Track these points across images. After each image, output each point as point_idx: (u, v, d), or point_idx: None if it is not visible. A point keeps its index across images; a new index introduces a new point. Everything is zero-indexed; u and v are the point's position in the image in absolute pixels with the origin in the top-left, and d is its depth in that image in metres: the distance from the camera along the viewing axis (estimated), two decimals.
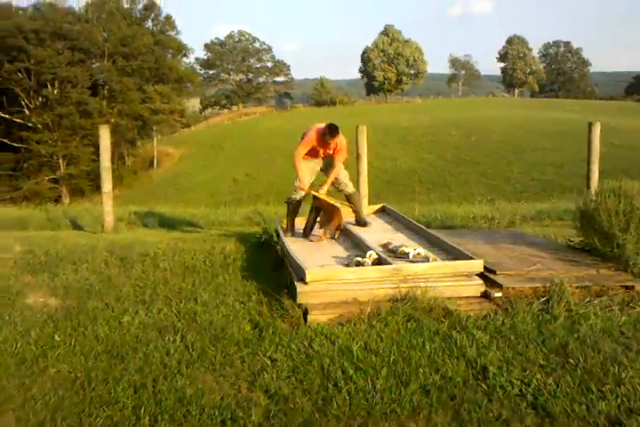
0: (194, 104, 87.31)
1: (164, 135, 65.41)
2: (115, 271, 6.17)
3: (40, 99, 51.79)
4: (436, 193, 32.48)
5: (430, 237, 6.50)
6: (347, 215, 7.80)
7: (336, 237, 6.88)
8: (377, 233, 6.90)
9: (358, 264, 5.45)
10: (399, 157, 42.63)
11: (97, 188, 49.78)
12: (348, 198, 7.53)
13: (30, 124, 49.74)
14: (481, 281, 5.16)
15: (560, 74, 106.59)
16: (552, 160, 35.80)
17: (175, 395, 3.44)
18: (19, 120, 48.39)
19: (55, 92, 51.27)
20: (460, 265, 5.35)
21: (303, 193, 7.08)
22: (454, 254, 5.79)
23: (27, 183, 46.34)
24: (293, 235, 7.01)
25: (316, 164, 7.18)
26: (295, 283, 5.06)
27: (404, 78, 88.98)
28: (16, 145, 47.82)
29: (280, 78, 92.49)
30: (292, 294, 4.94)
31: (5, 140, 47.60)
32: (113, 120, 55.39)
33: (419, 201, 19.56)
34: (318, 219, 7.05)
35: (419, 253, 5.78)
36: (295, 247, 6.29)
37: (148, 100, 57.25)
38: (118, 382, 3.60)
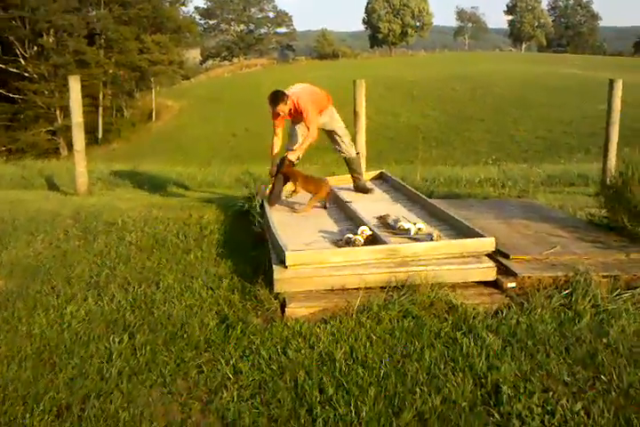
0: (194, 56, 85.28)
1: (163, 87, 63.92)
2: (73, 245, 5.42)
3: (36, 48, 50.29)
4: (440, 150, 31.57)
5: (433, 210, 5.71)
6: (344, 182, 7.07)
7: (327, 205, 6.10)
8: (373, 203, 6.12)
9: (349, 242, 4.69)
10: (402, 113, 41.45)
11: (95, 140, 48.81)
12: (348, 162, 6.78)
13: (26, 75, 48.38)
14: (492, 263, 4.39)
15: (569, 28, 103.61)
16: (558, 117, 34.68)
17: (104, 424, 2.72)
18: (14, 70, 46.91)
19: (51, 40, 49.74)
20: (469, 244, 4.57)
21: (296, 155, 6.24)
22: (461, 230, 5.03)
23: (24, 135, 45.29)
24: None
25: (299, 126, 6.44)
26: (273, 266, 4.31)
27: (410, 30, 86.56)
28: (12, 96, 46.49)
29: (282, 29, 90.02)
30: (270, 280, 4.19)
31: (1, 91, 46.26)
32: (111, 71, 54.07)
33: (421, 160, 18.78)
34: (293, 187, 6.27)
35: (420, 229, 5.01)
36: (278, 219, 5.52)
37: (145, 50, 55.68)
38: (39, 401, 2.87)
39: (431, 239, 4.71)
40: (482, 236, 4.62)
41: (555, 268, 4.36)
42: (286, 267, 4.23)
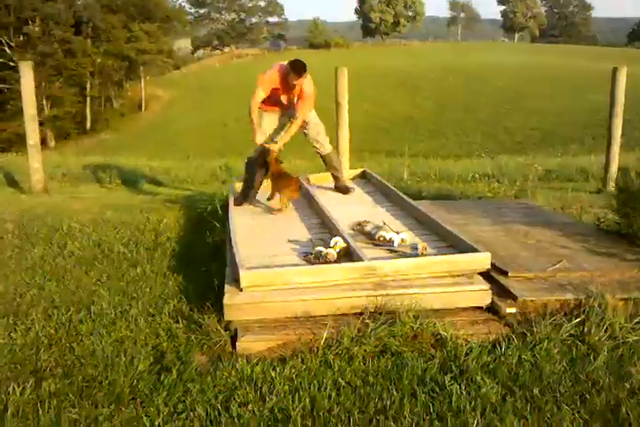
0: (185, 45, 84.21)
1: (153, 77, 62.97)
2: (5, 256, 4.70)
3: (22, 37, 49.28)
4: (433, 141, 30.93)
5: (420, 216, 4.99)
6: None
7: (281, 209, 5.32)
8: (352, 207, 5.40)
9: (319, 257, 3.99)
10: (395, 104, 40.72)
11: (84, 130, 47.86)
12: (324, 159, 6.05)
13: (12, 64, 47.34)
14: (486, 285, 3.69)
15: (561, 18, 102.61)
16: (552, 108, 33.97)
17: None
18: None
19: (37, 29, 48.72)
20: (460, 261, 3.86)
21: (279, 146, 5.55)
22: (451, 241, 4.33)
23: (10, 126, 44.29)
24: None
25: (281, 116, 5.68)
26: (225, 288, 3.61)
27: (402, 20, 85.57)
28: None
29: (274, 19, 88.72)
30: (221, 306, 3.48)
31: None
32: (99, 60, 53.10)
33: (413, 151, 18.10)
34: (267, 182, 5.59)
35: (403, 240, 4.32)
36: (241, 224, 4.81)
37: (133, 39, 54.72)
38: None
39: (416, 253, 4.02)
40: (475, 250, 3.91)
41: (562, 288, 3.66)
42: (241, 289, 3.52)
